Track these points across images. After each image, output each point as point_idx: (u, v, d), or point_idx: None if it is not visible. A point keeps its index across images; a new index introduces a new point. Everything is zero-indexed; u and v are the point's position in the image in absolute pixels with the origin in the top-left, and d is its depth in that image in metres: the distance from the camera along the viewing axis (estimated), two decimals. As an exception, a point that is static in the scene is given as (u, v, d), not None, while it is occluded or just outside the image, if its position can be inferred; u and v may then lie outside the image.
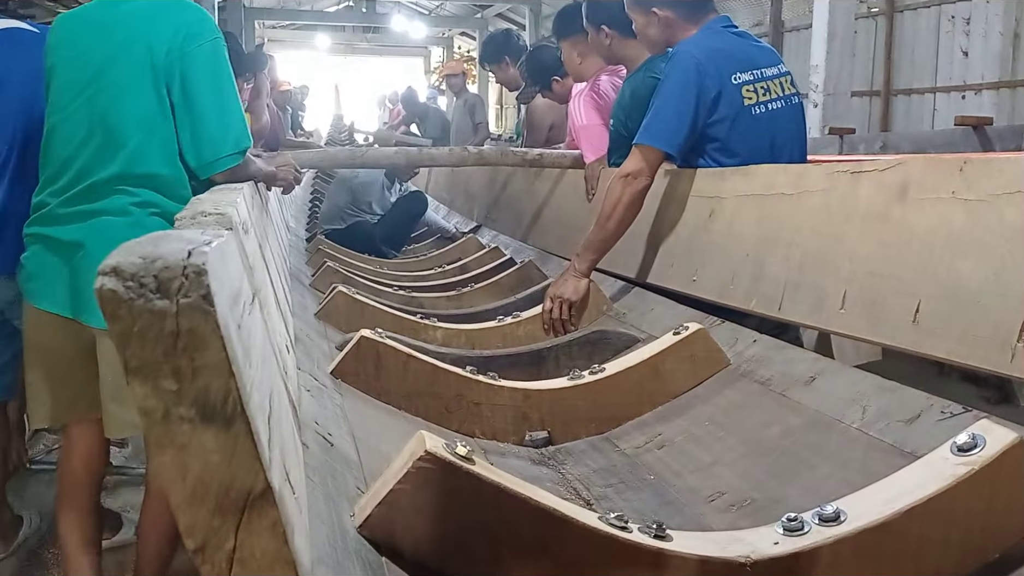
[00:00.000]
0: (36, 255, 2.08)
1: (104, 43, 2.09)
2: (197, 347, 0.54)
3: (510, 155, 3.87)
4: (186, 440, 0.55)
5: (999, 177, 1.45)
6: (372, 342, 1.79)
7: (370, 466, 1.19)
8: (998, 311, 1.39)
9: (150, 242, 0.60)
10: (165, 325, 0.54)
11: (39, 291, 2.08)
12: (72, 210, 2.03)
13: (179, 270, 0.55)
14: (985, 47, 8.85)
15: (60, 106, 2.09)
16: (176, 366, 0.54)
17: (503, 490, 0.92)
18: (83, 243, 2.00)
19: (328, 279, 3.31)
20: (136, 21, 2.10)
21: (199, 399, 0.55)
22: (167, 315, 0.54)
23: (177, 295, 0.54)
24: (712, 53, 2.44)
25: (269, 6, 19.24)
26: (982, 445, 1.04)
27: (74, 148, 2.05)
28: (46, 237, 2.05)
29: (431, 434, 0.92)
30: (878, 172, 1.75)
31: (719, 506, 1.38)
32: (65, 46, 2.13)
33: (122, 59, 2.06)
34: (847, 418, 1.48)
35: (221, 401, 0.55)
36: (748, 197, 2.22)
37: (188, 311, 0.54)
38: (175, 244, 0.60)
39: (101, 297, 0.53)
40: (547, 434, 1.84)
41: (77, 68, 2.09)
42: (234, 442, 0.55)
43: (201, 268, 0.55)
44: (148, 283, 0.54)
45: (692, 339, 1.89)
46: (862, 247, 1.75)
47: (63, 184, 2.05)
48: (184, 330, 0.54)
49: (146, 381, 0.54)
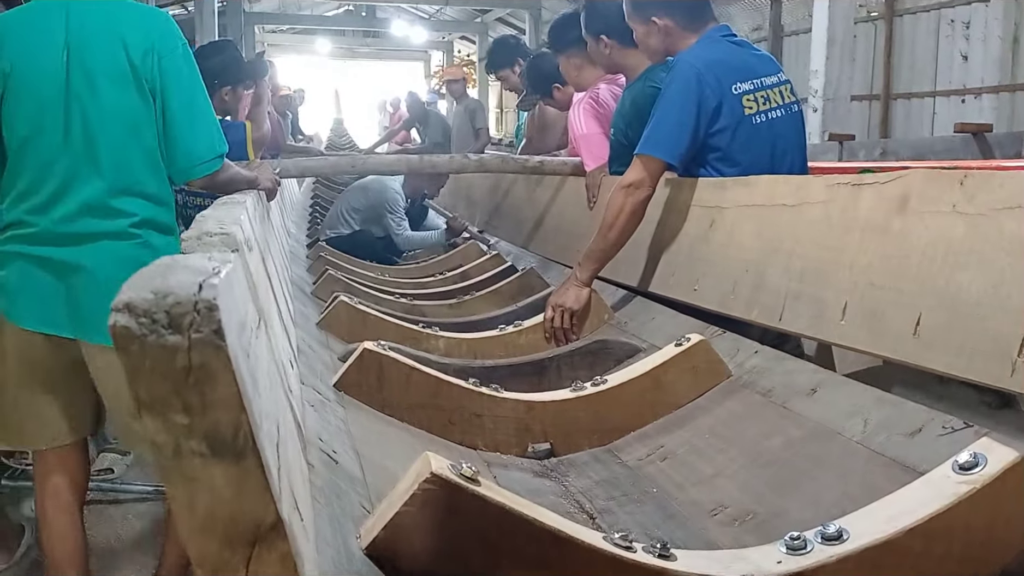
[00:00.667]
0: (22, 274, 2.02)
1: (71, 46, 2.00)
2: (208, 382, 0.55)
3: (511, 162, 3.87)
4: (197, 474, 0.55)
5: (999, 191, 1.46)
6: (375, 355, 1.79)
7: (375, 483, 1.20)
8: (998, 325, 1.39)
9: (160, 273, 0.61)
10: (176, 360, 0.54)
11: (26, 311, 2.03)
12: (68, 231, 2.00)
13: (190, 305, 0.56)
14: (985, 51, 8.88)
15: (28, 116, 2.01)
16: (187, 401, 0.55)
17: (507, 510, 0.93)
18: (85, 265, 2.00)
19: (329, 287, 3.33)
20: (103, 21, 2.04)
21: (210, 433, 0.55)
22: (179, 350, 0.55)
23: (189, 330, 0.55)
24: (712, 63, 2.45)
25: (269, 11, 19.26)
26: (983, 464, 1.05)
27: (52, 160, 2.00)
28: (36, 257, 2.01)
29: (436, 455, 0.93)
30: (879, 184, 1.76)
31: (722, 520, 1.39)
32: (15, 50, 2.01)
33: (97, 61, 2.00)
34: (848, 431, 1.49)
35: (232, 435, 0.56)
36: (749, 207, 2.23)
37: (200, 346, 0.55)
38: (184, 276, 0.60)
39: (115, 334, 0.53)
40: (549, 446, 1.85)
41: (43, 74, 1.99)
42: (244, 476, 0.56)
43: (212, 303, 0.56)
44: (160, 319, 0.55)
45: (694, 350, 1.90)
46: (862, 258, 1.76)
47: (45, 200, 2.00)
48: (195, 365, 0.55)
49: (157, 416, 0.54)
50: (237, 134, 3.56)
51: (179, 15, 13.85)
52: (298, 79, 16.01)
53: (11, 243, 2.02)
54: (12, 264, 2.02)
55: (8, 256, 2.03)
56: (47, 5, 2.04)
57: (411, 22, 20.62)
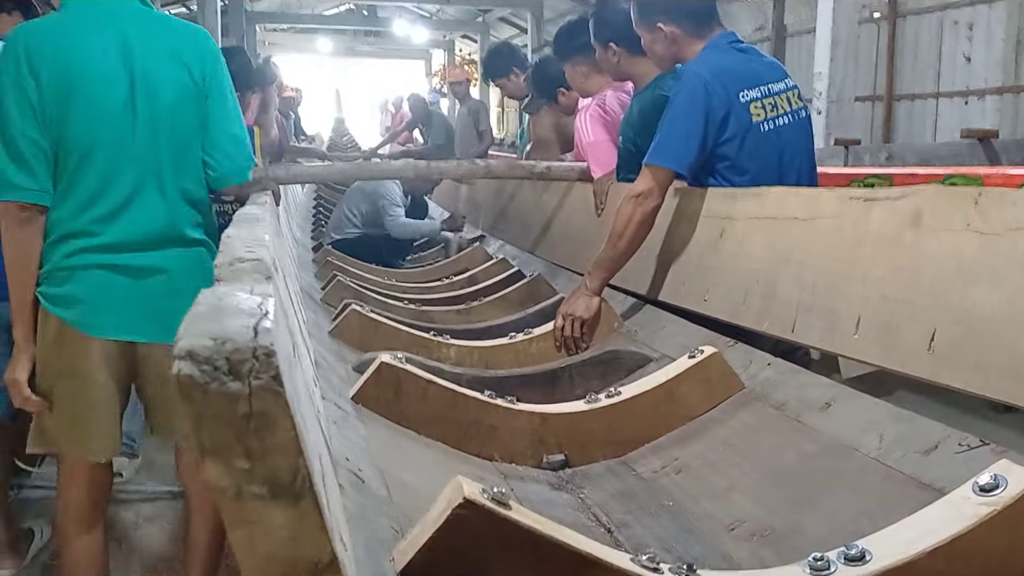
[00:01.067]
0: (99, 284, 1.99)
1: (134, 58, 2.00)
2: (268, 427, 0.57)
3: (518, 168, 3.89)
4: (257, 517, 0.57)
5: (1013, 209, 1.48)
6: (392, 368, 1.81)
7: (400, 503, 1.22)
8: (1014, 342, 1.41)
9: (212, 316, 0.63)
10: (238, 408, 0.56)
11: (107, 321, 2.01)
12: (139, 239, 2.01)
13: (249, 352, 0.57)
14: (988, 52, 8.88)
15: (91, 127, 1.98)
16: (248, 447, 0.56)
17: (538, 534, 0.94)
18: (163, 267, 2.03)
19: (339, 294, 3.34)
20: (159, 35, 2.07)
21: (269, 477, 0.57)
22: (240, 398, 0.56)
23: (248, 377, 0.57)
24: (719, 72, 2.46)
25: (270, 10, 19.26)
26: (1004, 486, 1.06)
27: (116, 170, 2.00)
28: (113, 265, 1.99)
29: (467, 480, 0.95)
30: (891, 200, 1.77)
31: (740, 535, 1.41)
32: (73, 61, 1.96)
33: (160, 75, 2.03)
34: (863, 447, 1.50)
35: (290, 478, 0.57)
36: (759, 219, 2.24)
37: (260, 393, 0.57)
38: (238, 320, 0.62)
39: (180, 381, 0.55)
40: (564, 457, 1.87)
41: (106, 85, 1.98)
42: (302, 517, 0.58)
43: (269, 349, 0.57)
44: (221, 366, 0.56)
45: (707, 363, 1.91)
46: (875, 272, 1.77)
47: (111, 209, 2.00)
48: (256, 412, 0.56)
49: (219, 461, 0.56)
50: (245, 140, 3.59)
51: (180, 14, 13.88)
52: (299, 78, 16.02)
53: (83, 255, 1.98)
54: (87, 276, 1.99)
55: (81, 268, 1.99)
56: (95, 13, 2.02)
57: (412, 21, 20.62)
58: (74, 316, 1.99)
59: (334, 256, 4.65)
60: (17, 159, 1.92)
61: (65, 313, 1.99)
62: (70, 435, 2.05)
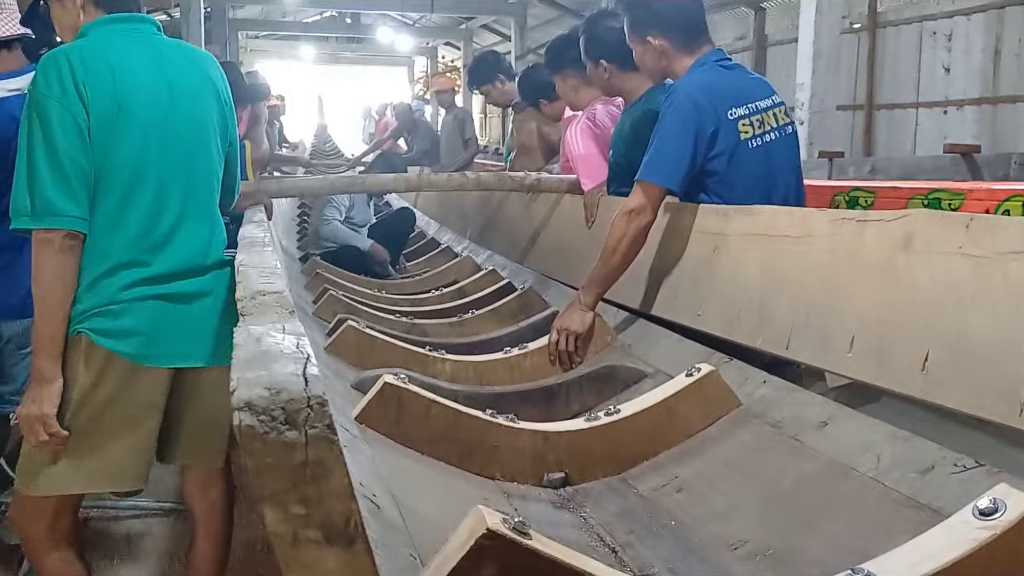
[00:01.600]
0: (157, 315, 1.96)
1: (173, 85, 2.01)
2: (323, 475, 0.59)
3: (508, 180, 3.93)
4: (313, 561, 0.60)
5: (1003, 235, 1.52)
6: (395, 388, 1.83)
7: (414, 528, 1.24)
8: (1005, 364, 1.45)
9: (260, 364, 0.65)
10: (295, 456, 0.59)
11: (166, 351, 1.99)
12: (187, 267, 2.01)
13: (303, 401, 0.60)
14: (966, 63, 9.00)
15: (136, 155, 1.93)
16: (304, 493, 0.59)
17: (559, 563, 0.97)
18: (210, 291, 2.04)
19: (332, 308, 3.36)
20: (191, 62, 2.10)
21: (325, 522, 0.59)
22: (297, 446, 0.59)
23: (304, 426, 0.59)
24: (707, 90, 2.50)
25: (253, 17, 19.23)
26: (1003, 510, 1.10)
27: (164, 200, 1.97)
28: (166, 295, 1.97)
29: (489, 510, 0.97)
30: (883, 222, 1.81)
31: (742, 555, 1.44)
32: (121, 85, 1.92)
33: (197, 103, 2.07)
34: (861, 466, 1.54)
35: (343, 523, 0.60)
36: (752, 236, 2.28)
37: (316, 442, 0.59)
38: (284, 366, 0.64)
39: (240, 432, 0.58)
40: (564, 475, 1.90)
41: (151, 112, 1.95)
42: (355, 559, 0.60)
43: (323, 398, 0.60)
44: (278, 415, 0.59)
45: (705, 381, 1.95)
46: (868, 294, 1.81)
47: (159, 239, 1.97)
48: (312, 460, 0.59)
49: (278, 508, 0.59)
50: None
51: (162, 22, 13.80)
52: (281, 85, 16.00)
53: (136, 288, 1.94)
54: (143, 308, 1.95)
55: (139, 301, 1.94)
56: (127, 36, 2.01)
57: (395, 28, 20.65)
58: (131, 349, 1.94)
59: (323, 268, 4.66)
60: (64, 185, 1.85)
61: (120, 346, 1.93)
62: (103, 466, 1.98)
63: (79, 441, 1.95)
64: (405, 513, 1.31)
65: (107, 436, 1.96)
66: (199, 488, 2.21)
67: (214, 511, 2.22)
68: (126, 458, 2.01)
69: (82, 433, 1.95)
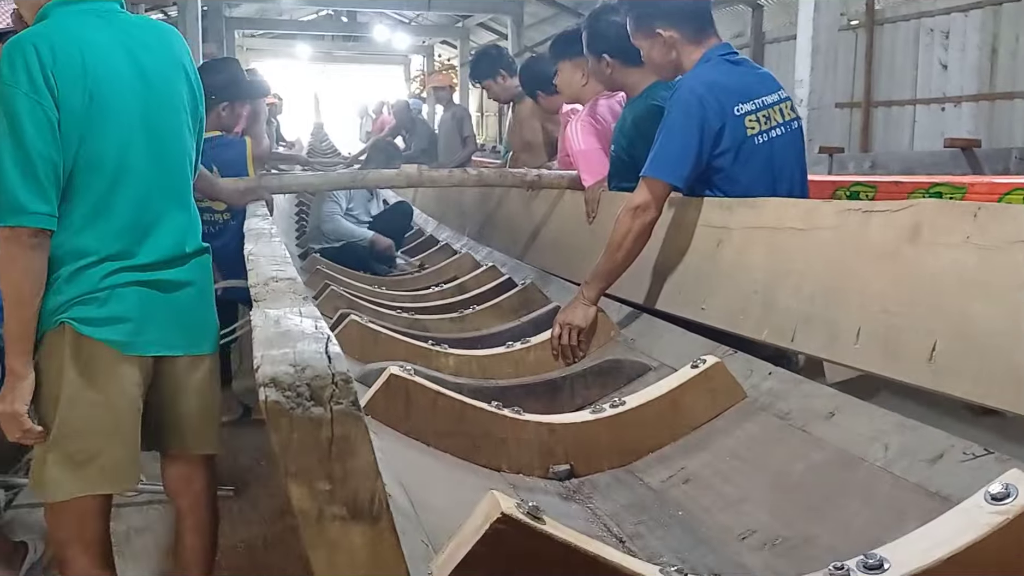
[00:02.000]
0: (144, 301, 1.94)
1: (146, 71, 1.95)
2: (349, 452, 0.59)
3: (508, 176, 3.91)
4: (338, 538, 0.59)
5: (1012, 224, 1.52)
6: (401, 380, 1.83)
7: (424, 517, 1.24)
8: (1013, 353, 1.45)
9: (282, 341, 0.65)
10: (321, 433, 0.58)
11: (152, 339, 1.96)
12: (172, 255, 2.00)
13: (328, 378, 0.59)
14: (963, 60, 9.02)
15: (116, 146, 1.89)
16: (330, 470, 0.59)
17: (573, 548, 0.97)
18: (193, 280, 2.03)
19: (333, 303, 3.35)
20: (160, 42, 2.03)
21: (350, 499, 0.59)
22: (323, 422, 0.58)
23: (330, 402, 0.59)
24: (713, 86, 2.49)
25: (249, 16, 19.21)
26: (1015, 495, 1.10)
27: (147, 191, 1.95)
28: (153, 281, 1.95)
29: (503, 495, 0.97)
30: (890, 212, 1.81)
31: (752, 545, 1.44)
32: (90, 70, 1.84)
33: (169, 87, 2.01)
34: (870, 456, 1.54)
35: (369, 500, 0.60)
36: (757, 229, 2.28)
37: (341, 418, 0.59)
38: (307, 344, 0.64)
39: (267, 408, 0.57)
40: (569, 467, 1.89)
41: (125, 100, 1.90)
42: (379, 537, 0.60)
43: (347, 376, 0.60)
44: (303, 391, 0.59)
45: (711, 372, 1.95)
46: (875, 285, 1.81)
47: (144, 229, 1.96)
48: (338, 436, 0.59)
49: (303, 484, 0.58)
50: (237, 150, 3.60)
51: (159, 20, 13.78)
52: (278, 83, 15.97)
53: (123, 273, 1.91)
54: (130, 294, 1.92)
55: (123, 288, 1.91)
56: (90, 18, 1.91)
57: (392, 27, 20.62)
58: (118, 336, 1.91)
59: (323, 264, 4.65)
60: (33, 182, 1.78)
61: (106, 334, 1.90)
62: (97, 464, 1.93)
63: (75, 443, 1.91)
64: (416, 503, 1.31)
65: (101, 434, 1.93)
66: (183, 482, 2.19)
67: (199, 504, 2.20)
68: (120, 455, 1.96)
69: (77, 434, 1.91)
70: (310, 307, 0.81)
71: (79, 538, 1.99)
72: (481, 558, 0.95)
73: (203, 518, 2.22)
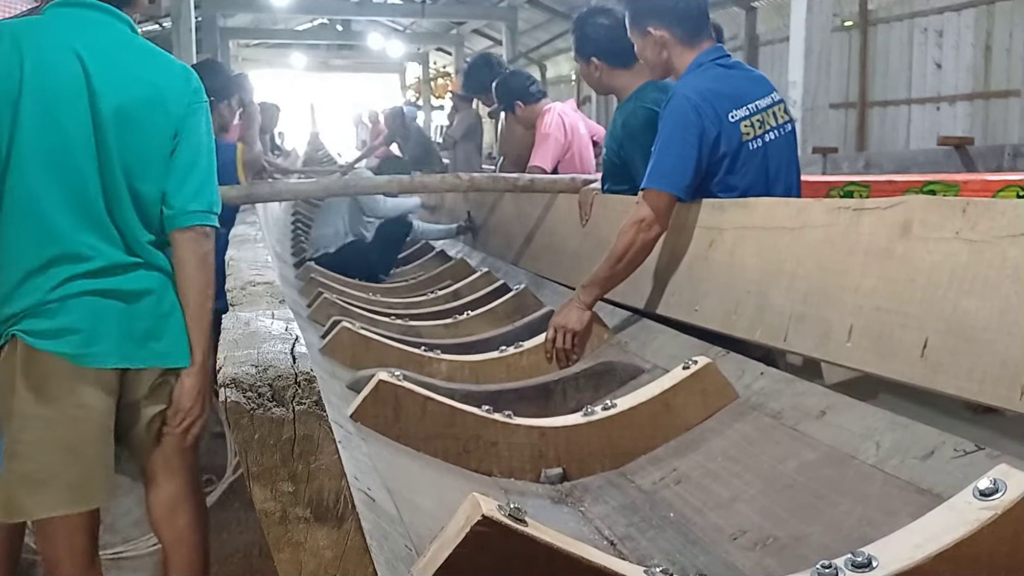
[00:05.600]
0: (95, 312, 1.88)
1: (116, 88, 1.89)
2: (312, 451, 0.58)
3: (501, 181, 3.92)
4: (302, 538, 0.58)
5: (1001, 219, 1.51)
6: (390, 385, 1.81)
7: (410, 521, 1.23)
8: (1005, 349, 1.44)
9: (248, 342, 0.64)
10: (283, 432, 0.57)
11: (107, 350, 1.89)
12: (129, 261, 1.92)
13: (291, 378, 0.58)
14: (957, 59, 9.04)
15: (68, 150, 1.86)
16: (293, 470, 0.57)
17: (555, 549, 0.96)
18: (152, 289, 1.94)
19: (326, 311, 3.34)
20: (147, 69, 1.96)
21: (314, 500, 0.58)
22: (284, 422, 0.57)
23: (292, 402, 0.58)
24: (706, 93, 2.46)
25: (244, 26, 19.25)
26: (1003, 490, 1.09)
27: (104, 202, 1.90)
28: (105, 290, 1.89)
29: (484, 497, 0.96)
30: (880, 210, 1.80)
31: (743, 544, 1.42)
32: (48, 74, 1.83)
33: (142, 114, 1.93)
34: (861, 454, 1.53)
35: (334, 500, 0.58)
36: (748, 229, 2.27)
37: (304, 418, 0.58)
38: (272, 345, 0.63)
39: (227, 408, 0.56)
40: (562, 470, 1.88)
41: (78, 111, 1.86)
42: (346, 538, 0.59)
43: (310, 375, 0.59)
44: (264, 392, 0.57)
45: (702, 373, 1.93)
46: (867, 282, 1.80)
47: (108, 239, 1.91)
48: (300, 436, 0.58)
49: (265, 485, 0.57)
50: (227, 155, 3.58)
51: (151, 31, 13.80)
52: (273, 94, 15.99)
53: (75, 282, 1.86)
54: (80, 304, 1.86)
55: (74, 298, 1.86)
56: (64, 23, 1.90)
57: (386, 35, 20.66)
58: (70, 348, 1.85)
59: (317, 272, 4.64)
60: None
61: (59, 346, 1.85)
62: (65, 482, 1.88)
63: (32, 461, 1.86)
64: (401, 507, 1.29)
65: (59, 451, 1.87)
66: (166, 513, 2.08)
67: (183, 543, 2.08)
68: (85, 472, 1.90)
69: (33, 452, 1.87)
70: (284, 310, 0.80)
71: (69, 555, 1.95)
72: (463, 560, 0.93)
73: (189, 560, 2.09)
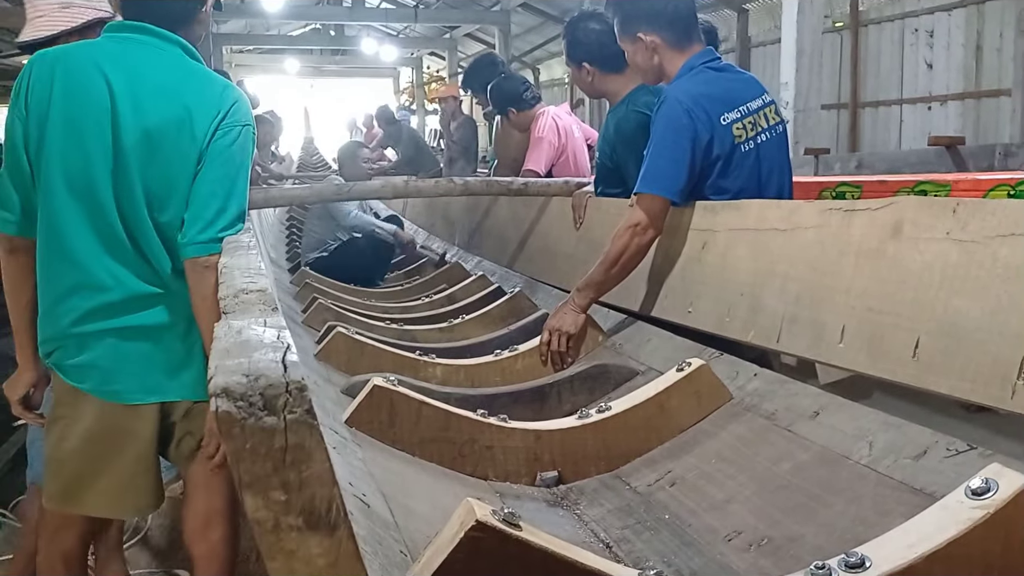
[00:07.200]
0: (114, 352, 1.88)
1: (144, 111, 1.84)
2: (304, 460, 0.58)
3: (495, 185, 3.92)
4: (295, 547, 0.58)
5: (991, 219, 1.52)
6: (385, 391, 1.82)
7: (405, 526, 1.23)
8: (997, 348, 1.45)
9: (238, 351, 0.64)
10: (274, 441, 0.57)
11: (128, 389, 1.89)
12: (152, 291, 1.89)
13: (282, 387, 0.59)
14: (948, 59, 9.06)
15: (90, 175, 1.83)
16: (285, 479, 0.58)
17: (550, 554, 0.96)
18: (177, 321, 1.90)
19: (321, 316, 3.34)
20: (181, 91, 1.88)
21: (306, 508, 0.58)
22: (276, 431, 0.58)
23: (283, 411, 0.58)
24: (698, 97, 2.47)
25: (237, 31, 19.22)
26: (995, 489, 1.09)
27: (124, 229, 1.87)
28: (122, 329, 1.88)
29: (478, 502, 0.96)
30: (871, 211, 1.81)
31: (738, 545, 1.43)
32: (74, 98, 1.82)
33: (170, 139, 1.85)
34: (854, 454, 1.53)
35: (326, 508, 0.59)
36: (741, 231, 2.28)
37: (295, 426, 0.58)
38: (264, 354, 0.63)
39: (218, 419, 0.57)
40: (557, 473, 1.89)
41: (101, 135, 1.83)
42: (338, 546, 0.59)
43: (301, 383, 0.59)
44: (256, 401, 0.58)
45: (696, 375, 1.94)
46: (858, 282, 1.81)
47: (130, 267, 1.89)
48: (292, 445, 0.58)
49: (257, 494, 0.57)
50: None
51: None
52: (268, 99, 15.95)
53: (95, 320, 1.86)
54: (100, 344, 1.87)
55: (93, 336, 1.87)
56: (110, 48, 1.89)
57: (380, 39, 20.67)
58: (90, 385, 1.89)
59: (312, 277, 4.64)
60: (4, 190, 1.90)
61: (83, 383, 1.88)
62: (92, 488, 1.94)
63: (69, 465, 1.94)
64: (396, 512, 1.30)
65: (94, 465, 1.93)
66: (200, 526, 2.08)
67: (214, 557, 2.07)
68: (121, 487, 1.95)
69: (71, 458, 1.94)
70: (277, 318, 0.80)
71: (49, 544, 2.07)
72: (457, 566, 0.94)
73: (217, 573, 2.07)
